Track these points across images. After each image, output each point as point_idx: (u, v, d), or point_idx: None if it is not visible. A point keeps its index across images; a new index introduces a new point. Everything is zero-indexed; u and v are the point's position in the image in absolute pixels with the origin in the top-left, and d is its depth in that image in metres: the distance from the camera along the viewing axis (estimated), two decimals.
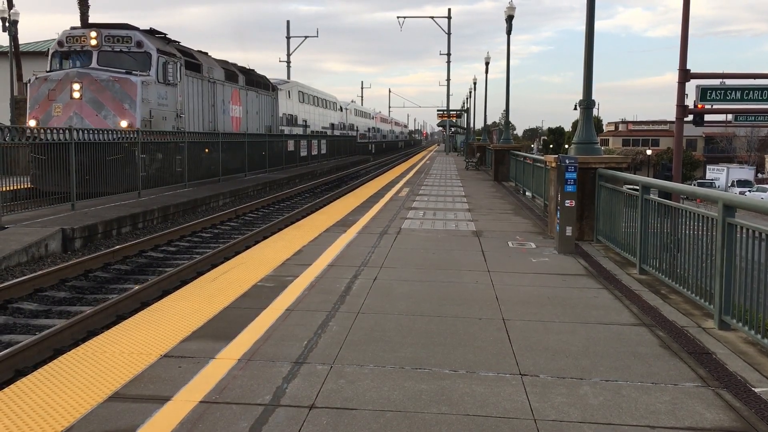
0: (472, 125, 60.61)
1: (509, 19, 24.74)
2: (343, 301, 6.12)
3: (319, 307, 5.90)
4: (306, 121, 42.58)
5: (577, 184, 9.01)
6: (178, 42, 22.57)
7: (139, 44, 19.07)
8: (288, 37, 52.62)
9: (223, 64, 26.67)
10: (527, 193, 17.61)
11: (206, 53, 25.75)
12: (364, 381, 4.16)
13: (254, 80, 30.17)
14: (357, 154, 54.34)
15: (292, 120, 39.06)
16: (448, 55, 57.10)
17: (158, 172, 18.61)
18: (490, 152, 29.02)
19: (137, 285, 8.90)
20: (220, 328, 5.24)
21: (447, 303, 6.13)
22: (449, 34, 54.61)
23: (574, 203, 8.98)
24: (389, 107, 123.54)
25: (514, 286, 6.90)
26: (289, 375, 4.24)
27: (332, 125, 51.66)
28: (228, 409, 3.73)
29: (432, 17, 53.52)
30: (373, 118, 79.52)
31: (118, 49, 18.93)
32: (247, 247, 10.78)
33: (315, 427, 3.52)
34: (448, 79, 66.09)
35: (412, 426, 3.55)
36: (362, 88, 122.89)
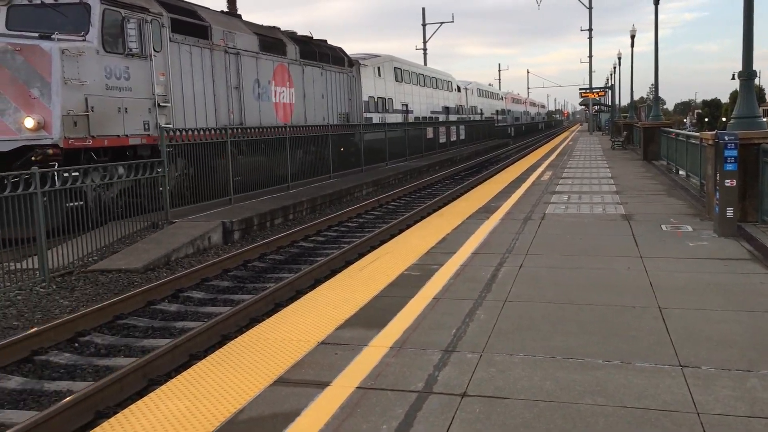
0: (617, 102, 57.90)
1: None
2: (490, 289, 6.13)
3: (465, 295, 5.95)
4: (407, 106, 35.38)
5: (738, 162, 8.40)
6: None
7: None
8: (424, 24, 52.77)
9: (258, 28, 19.35)
10: (680, 173, 16.63)
11: (231, 13, 19.60)
12: (514, 370, 4.17)
13: (317, 52, 22.44)
14: (496, 138, 53.26)
15: (383, 104, 31.87)
16: (590, 30, 54.83)
17: (305, 166, 19.37)
18: (637, 130, 27.64)
19: (291, 274, 9.38)
20: (371, 317, 5.43)
21: (597, 291, 5.97)
22: (590, 8, 52.40)
23: (735, 182, 8.39)
24: (528, 88, 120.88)
25: (670, 272, 6.58)
26: (439, 363, 4.33)
27: (446, 109, 44.74)
28: (383, 395, 3.88)
29: None
30: (502, 99, 72.28)
31: (41, 1, 12.39)
32: (392, 236, 11.02)
33: (468, 415, 3.58)
34: (590, 56, 63.22)
35: (567, 417, 3.52)
36: (499, 70, 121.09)
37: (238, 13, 19.15)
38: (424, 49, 52.69)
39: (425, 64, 50.26)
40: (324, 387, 4.01)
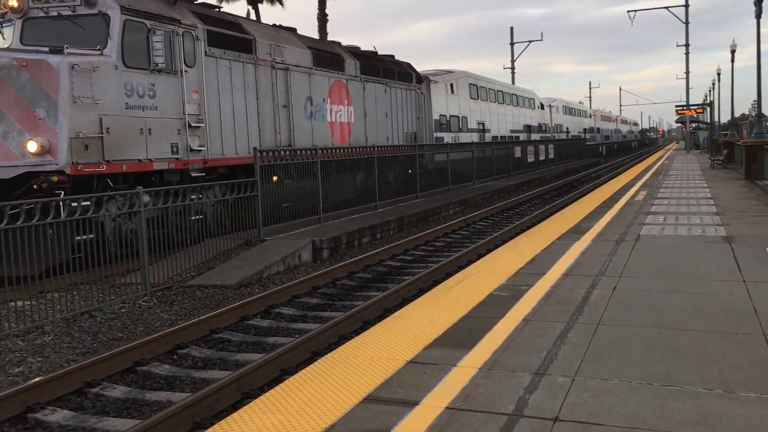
0: (716, 119, 55.48)
1: (758, 1, 22.33)
2: (581, 312, 5.99)
3: (556, 317, 5.84)
4: (483, 125, 33.33)
5: None
6: (211, 5, 14.89)
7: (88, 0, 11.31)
8: (512, 44, 52.47)
9: (313, 42, 18.33)
10: None
11: (283, 27, 17.42)
12: (609, 396, 4.06)
13: (381, 68, 21.03)
14: (586, 156, 51.98)
15: (457, 123, 29.81)
16: (686, 45, 52.97)
17: (392, 185, 19.52)
18: (739, 148, 26.38)
19: (379, 293, 9.47)
20: (460, 337, 5.41)
21: (696, 315, 5.73)
22: (687, 23, 50.66)
23: None
24: (620, 105, 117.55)
25: None
26: (530, 386, 4.27)
27: (528, 127, 42.41)
28: (472, 416, 3.86)
29: (666, 7, 50.04)
30: (590, 116, 69.31)
31: (57, 13, 11.39)
32: (480, 256, 10.95)
33: None
34: (687, 72, 60.92)
35: None
36: (590, 87, 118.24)
37: (293, 27, 17.70)
38: (512, 68, 52.34)
39: (513, 82, 49.86)
40: (413, 406, 4.03)
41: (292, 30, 17.65)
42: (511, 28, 52.86)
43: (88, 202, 9.08)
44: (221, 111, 13.76)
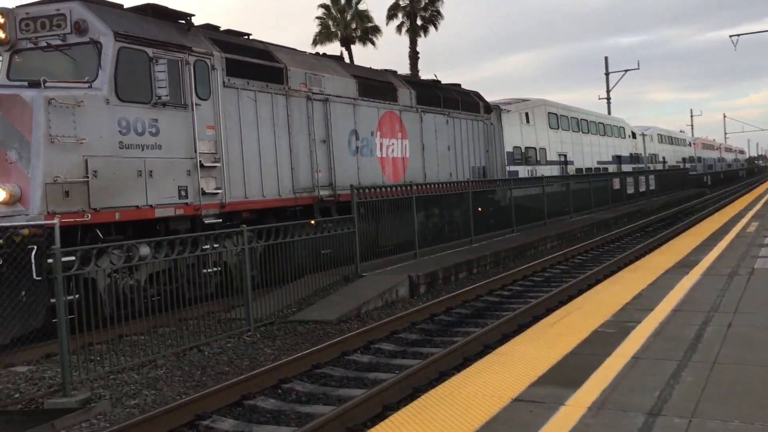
0: None
1: None
2: (695, 349, 5.72)
3: (668, 355, 5.59)
4: (565, 156, 30.84)
5: None
6: (235, 31, 13.37)
7: (79, 26, 10.11)
8: (606, 73, 51.40)
9: (359, 70, 16.73)
10: None
11: (328, 55, 16.45)
12: None
13: (441, 97, 19.39)
14: (690, 187, 49.77)
15: (534, 155, 27.49)
16: None
17: (487, 220, 19.35)
18: None
19: (478, 328, 9.38)
20: (565, 375, 5.27)
21: None
22: None
23: None
24: (725, 133, 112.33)
25: None
26: (644, 427, 4.10)
27: (618, 158, 38.83)
28: None
29: None
30: (690, 144, 64.77)
31: (46, 43, 10.33)
32: (581, 291, 10.66)
33: None
34: None
35: None
36: (691, 115, 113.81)
37: (337, 54, 16.41)
38: (608, 98, 51.19)
39: (609, 112, 48.66)
40: None
41: (338, 58, 16.55)
42: (606, 58, 51.88)
43: (72, 257, 7.83)
44: (243, 148, 12.29)
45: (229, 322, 10.10)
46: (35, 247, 7.98)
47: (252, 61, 12.74)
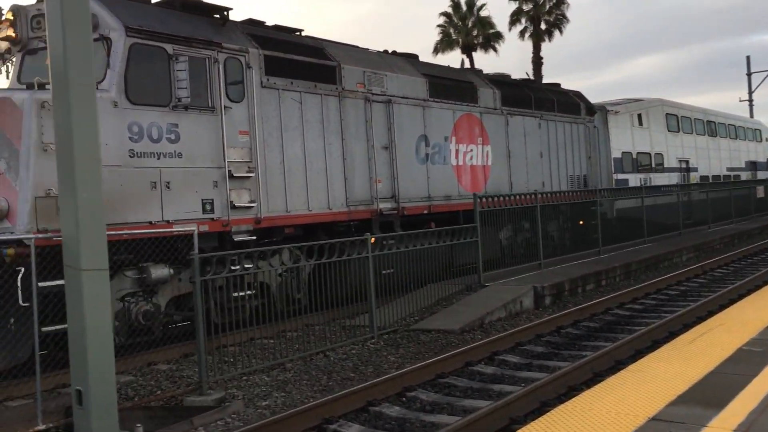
0: None
1: None
2: None
3: None
4: (687, 162, 27.43)
5: None
6: (282, 27, 12.26)
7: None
8: (749, 74, 48.11)
9: (432, 69, 15.17)
10: None
11: (398, 53, 14.73)
12: None
13: (532, 98, 17.49)
14: None
15: (648, 161, 24.95)
16: None
17: (616, 229, 18.56)
18: None
19: (609, 343, 9.00)
20: (708, 394, 4.95)
21: None
22: None
23: None
24: None
25: None
26: None
27: (752, 164, 34.66)
28: None
29: None
30: None
31: None
32: (722, 307, 10.00)
33: None
34: None
35: None
36: None
37: (412, 53, 14.99)
38: (750, 100, 47.86)
39: (751, 115, 45.41)
40: None
41: (411, 56, 14.89)
42: (748, 57, 48.50)
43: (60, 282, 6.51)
44: (285, 156, 10.96)
45: (353, 329, 10.29)
46: (22, 269, 7.40)
47: (297, 58, 11.41)
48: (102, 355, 5.54)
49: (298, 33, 12.37)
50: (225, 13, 10.69)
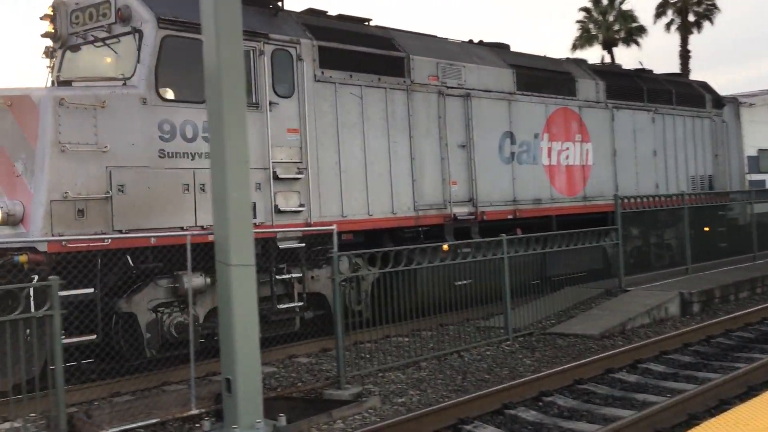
0: None
1: None
2: None
3: None
4: None
5: None
6: (346, 16, 11.25)
7: (122, 14, 8.57)
8: None
9: (521, 58, 13.57)
10: None
11: (484, 43, 13.42)
12: None
13: (644, 89, 15.62)
14: None
15: None
16: None
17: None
18: None
19: (764, 355, 8.35)
20: None
21: None
22: None
23: None
24: None
25: None
26: None
27: None
28: None
29: None
30: None
31: (92, 36, 8.99)
32: None
33: None
34: None
35: None
36: None
37: (502, 42, 13.70)
38: None
39: None
40: None
41: (500, 46, 13.57)
42: None
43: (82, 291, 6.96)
44: (341, 156, 10.15)
45: (487, 330, 10.21)
46: (35, 277, 7.09)
47: (356, 49, 10.49)
48: (248, 346, 5.88)
49: (366, 23, 11.48)
50: (278, 2, 9.99)
